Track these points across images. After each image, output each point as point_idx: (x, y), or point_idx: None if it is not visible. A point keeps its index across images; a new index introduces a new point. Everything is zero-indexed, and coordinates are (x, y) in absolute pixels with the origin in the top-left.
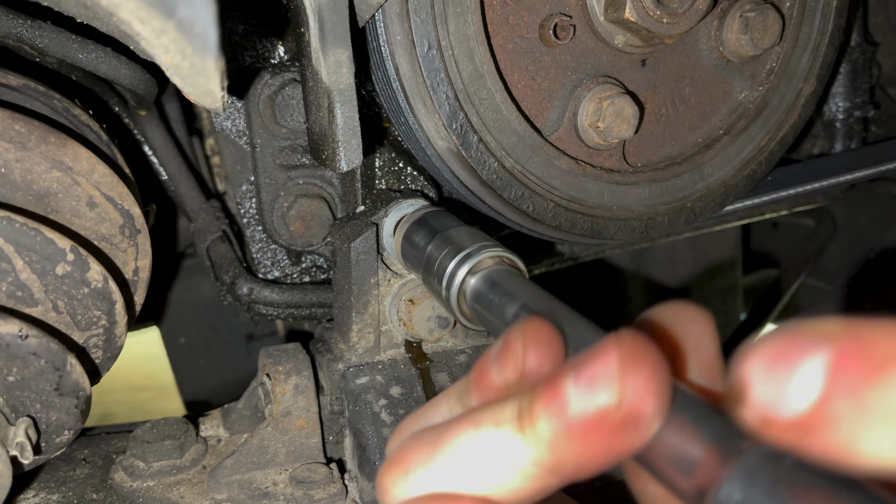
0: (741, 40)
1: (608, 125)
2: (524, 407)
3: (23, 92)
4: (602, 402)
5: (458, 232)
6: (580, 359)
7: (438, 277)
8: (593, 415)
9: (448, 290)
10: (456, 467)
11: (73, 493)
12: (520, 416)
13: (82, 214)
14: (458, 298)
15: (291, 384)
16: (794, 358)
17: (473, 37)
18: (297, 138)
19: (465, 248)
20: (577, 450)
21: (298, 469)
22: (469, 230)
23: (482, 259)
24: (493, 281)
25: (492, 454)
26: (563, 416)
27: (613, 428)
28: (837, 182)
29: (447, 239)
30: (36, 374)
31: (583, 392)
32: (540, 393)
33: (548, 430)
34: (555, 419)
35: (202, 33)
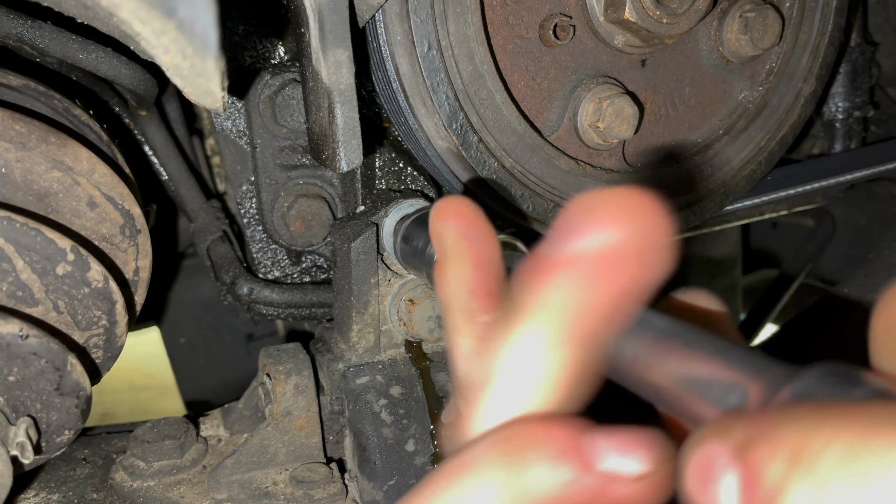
0: (741, 40)
1: (608, 125)
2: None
3: (23, 92)
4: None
5: None
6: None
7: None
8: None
9: None
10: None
11: (73, 492)
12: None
13: (83, 214)
14: None
15: (291, 384)
16: (713, 476)
17: (473, 37)
18: (297, 138)
19: None
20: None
21: (298, 469)
22: None
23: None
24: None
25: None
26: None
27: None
28: (837, 182)
29: None
30: (36, 374)
31: (567, 239)
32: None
33: (545, 293)
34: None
35: (202, 33)
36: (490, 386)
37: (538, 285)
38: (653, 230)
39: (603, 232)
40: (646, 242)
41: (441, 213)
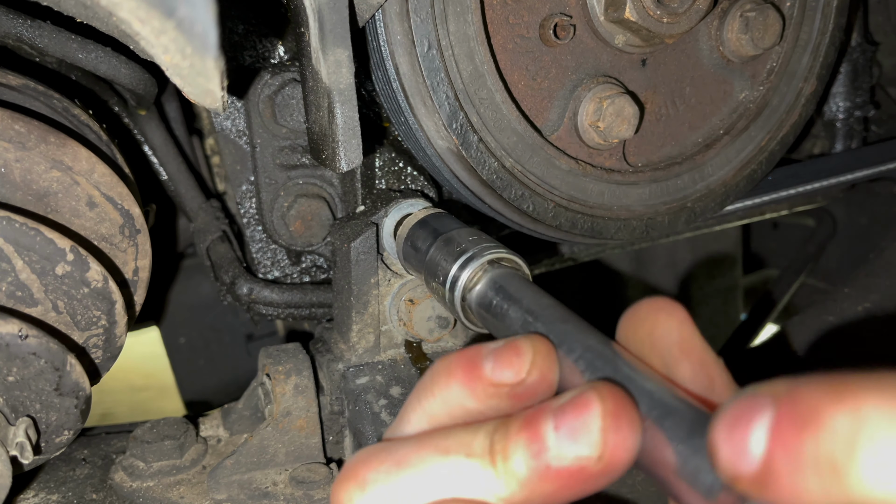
0: (741, 40)
1: (608, 125)
2: (497, 440)
3: (22, 92)
4: (582, 452)
5: (460, 233)
6: (560, 404)
7: (441, 280)
8: (571, 463)
9: (451, 293)
10: (416, 491)
11: (72, 493)
12: (492, 450)
13: (82, 214)
14: (462, 301)
15: (291, 384)
16: (745, 423)
17: (473, 36)
18: (296, 138)
19: (468, 250)
20: (549, 490)
21: (298, 469)
22: (471, 231)
23: (485, 261)
24: (498, 285)
25: (457, 483)
26: (541, 458)
27: (588, 476)
28: (838, 182)
29: (449, 241)
30: (36, 375)
31: (564, 440)
32: (517, 429)
33: (523, 469)
34: (532, 460)
35: (202, 33)
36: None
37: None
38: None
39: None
40: (617, 466)
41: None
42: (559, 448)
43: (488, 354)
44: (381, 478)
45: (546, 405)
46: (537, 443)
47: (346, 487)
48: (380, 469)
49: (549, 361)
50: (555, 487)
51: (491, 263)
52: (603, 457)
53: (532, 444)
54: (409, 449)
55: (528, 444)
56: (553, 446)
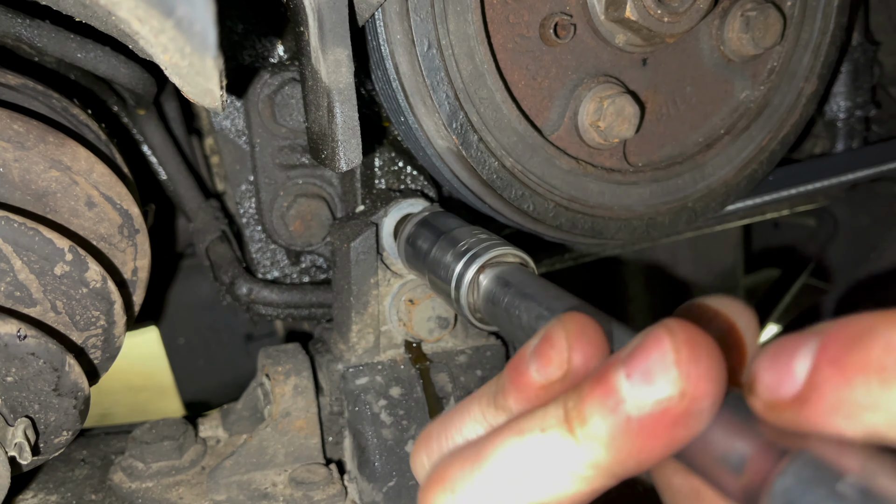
0: (742, 39)
1: (609, 124)
2: (571, 407)
3: (21, 91)
4: (662, 394)
5: (463, 231)
6: (627, 352)
7: (446, 278)
8: (653, 408)
9: (458, 291)
10: (504, 479)
11: (71, 493)
12: (567, 418)
13: (81, 214)
14: (469, 299)
15: (291, 385)
16: (791, 350)
17: (473, 36)
18: (296, 138)
19: (472, 247)
20: (637, 446)
21: (298, 470)
22: (473, 229)
23: (490, 258)
24: (505, 280)
25: (542, 461)
26: (619, 412)
27: (674, 420)
28: (839, 182)
29: (452, 239)
30: (34, 375)
31: (639, 385)
32: (589, 390)
33: (603, 428)
34: (610, 416)
35: (201, 32)
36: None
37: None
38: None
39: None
40: (705, 402)
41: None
42: (636, 396)
43: (531, 357)
44: (465, 475)
45: (615, 358)
46: (612, 396)
47: (435, 492)
48: (463, 467)
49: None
50: (642, 441)
51: (496, 259)
52: (685, 392)
53: (607, 399)
54: (484, 441)
55: (602, 401)
56: (629, 396)
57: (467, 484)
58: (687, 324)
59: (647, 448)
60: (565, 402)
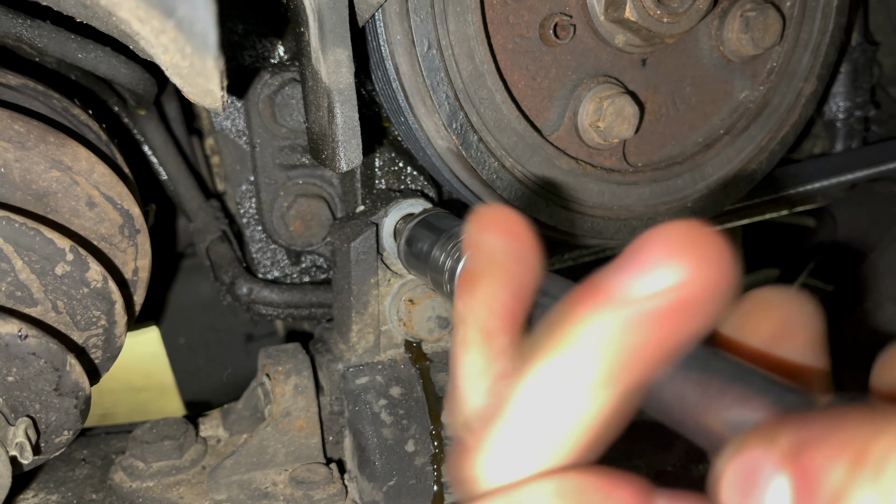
0: (742, 40)
1: (608, 125)
2: (559, 320)
3: (22, 91)
4: (660, 283)
5: (461, 229)
6: (623, 255)
7: (445, 277)
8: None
9: (451, 284)
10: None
11: (72, 493)
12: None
13: (81, 214)
14: None
15: (291, 384)
16: (755, 473)
17: (473, 36)
18: (296, 138)
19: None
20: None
21: (298, 469)
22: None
23: None
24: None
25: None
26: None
27: (676, 309)
28: (838, 182)
29: (451, 237)
30: (35, 375)
31: (633, 278)
32: (579, 296)
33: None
34: (602, 314)
35: (201, 33)
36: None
37: (590, 317)
38: (720, 278)
39: (671, 273)
40: (712, 290)
41: (484, 221)
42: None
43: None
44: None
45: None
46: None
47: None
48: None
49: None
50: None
51: None
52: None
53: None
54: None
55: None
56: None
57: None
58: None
59: (650, 344)
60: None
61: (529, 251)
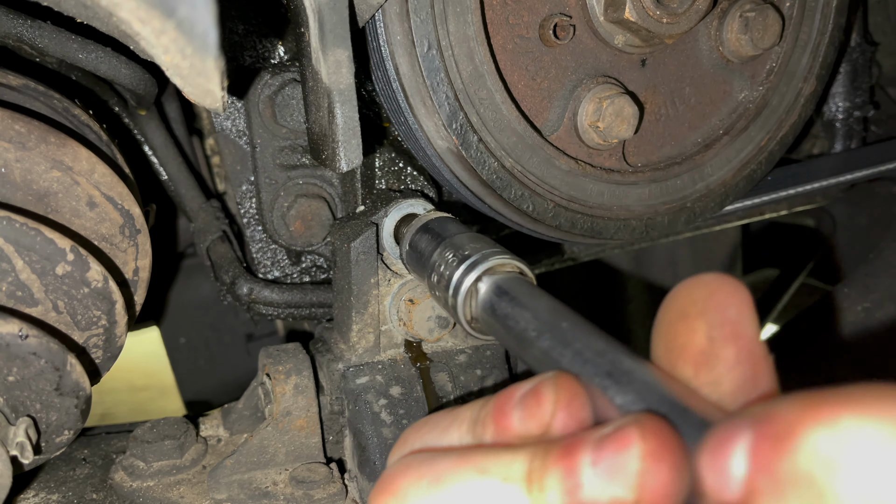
0: (741, 40)
1: (608, 125)
2: (536, 468)
3: (23, 92)
4: (617, 493)
5: (463, 238)
6: (600, 436)
7: (444, 286)
8: (607, 503)
9: (455, 299)
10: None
11: (73, 493)
12: (529, 477)
13: (82, 214)
14: (465, 307)
15: (291, 384)
16: (726, 448)
17: (473, 37)
18: (296, 138)
19: (471, 255)
20: None
21: (298, 469)
22: (474, 236)
23: (489, 266)
24: (502, 290)
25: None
26: (575, 496)
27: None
28: (837, 182)
29: (452, 245)
30: (36, 374)
31: (600, 477)
32: (554, 460)
33: (557, 500)
34: (567, 496)
35: (202, 33)
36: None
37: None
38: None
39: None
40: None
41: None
42: (594, 487)
43: (517, 403)
44: (419, 492)
45: (586, 436)
46: (573, 478)
47: (384, 499)
48: (420, 483)
49: (575, 399)
50: None
51: (494, 268)
52: (640, 501)
53: (568, 478)
54: (448, 464)
55: (563, 478)
56: (588, 484)
57: (418, 500)
58: (660, 427)
59: None
60: (531, 460)
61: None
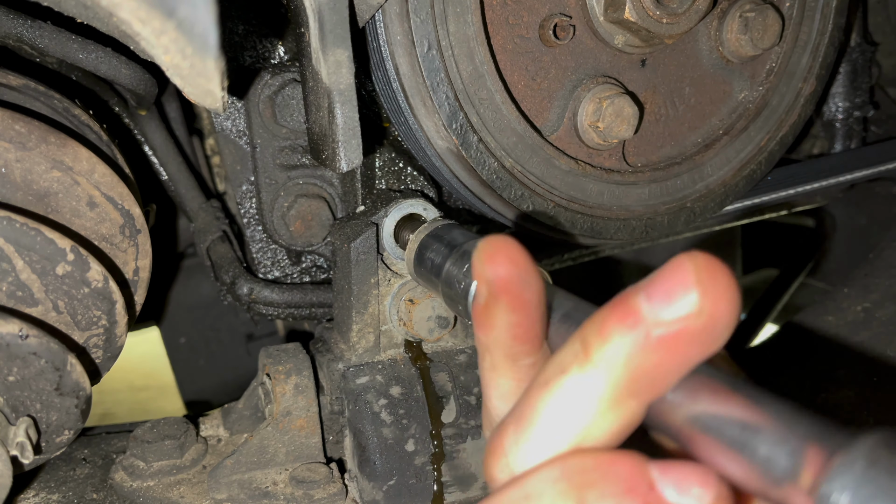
0: (741, 40)
1: (608, 125)
2: (591, 335)
3: (23, 92)
4: (682, 311)
5: (474, 245)
6: (648, 282)
7: (461, 294)
8: (672, 325)
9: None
10: (546, 432)
11: (73, 492)
12: (585, 347)
13: (82, 214)
14: None
15: (291, 384)
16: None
17: (473, 37)
18: (297, 138)
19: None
20: (654, 363)
21: (298, 469)
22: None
23: None
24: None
25: (571, 400)
26: (638, 329)
27: (692, 337)
28: (837, 182)
29: (466, 254)
30: (36, 374)
31: (660, 305)
32: (607, 315)
33: (622, 346)
34: (629, 334)
35: (202, 33)
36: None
37: (609, 337)
38: (732, 312)
39: (693, 302)
40: (725, 322)
41: (488, 255)
42: (656, 314)
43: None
44: (513, 440)
45: (634, 287)
46: (632, 316)
47: (493, 464)
48: (508, 433)
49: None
50: (659, 358)
51: None
52: (703, 310)
53: (627, 318)
54: (521, 404)
55: (621, 322)
56: (649, 314)
57: (516, 448)
58: (706, 254)
59: (664, 366)
60: (582, 336)
61: (533, 277)
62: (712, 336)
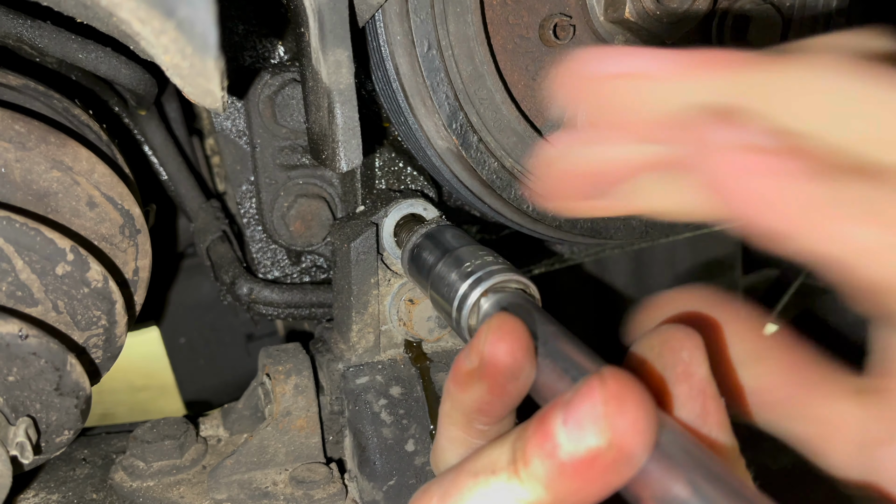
0: (741, 40)
1: None
2: (518, 450)
3: (23, 92)
4: (591, 442)
5: (469, 252)
6: (567, 398)
7: (448, 298)
8: (584, 455)
9: (459, 313)
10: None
11: (73, 493)
12: (514, 461)
13: (82, 214)
14: (470, 321)
15: (291, 384)
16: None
17: (473, 37)
18: (297, 138)
19: (477, 270)
20: (573, 488)
21: (298, 469)
22: (479, 249)
23: (494, 283)
24: (506, 309)
25: (495, 500)
26: (555, 457)
27: (605, 465)
28: None
29: (458, 259)
30: (36, 374)
31: (572, 433)
32: (531, 433)
33: (542, 470)
34: (548, 460)
35: (202, 33)
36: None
37: (530, 460)
38: (639, 441)
39: (596, 435)
40: (631, 453)
41: (495, 334)
42: (569, 442)
43: (464, 352)
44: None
45: (558, 400)
46: (549, 441)
47: None
48: (433, 502)
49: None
50: (577, 483)
51: (499, 285)
52: (612, 443)
53: (545, 443)
54: (450, 479)
55: (541, 445)
56: (563, 441)
57: None
58: (620, 374)
59: (584, 489)
60: (514, 443)
61: (524, 373)
62: (624, 464)
